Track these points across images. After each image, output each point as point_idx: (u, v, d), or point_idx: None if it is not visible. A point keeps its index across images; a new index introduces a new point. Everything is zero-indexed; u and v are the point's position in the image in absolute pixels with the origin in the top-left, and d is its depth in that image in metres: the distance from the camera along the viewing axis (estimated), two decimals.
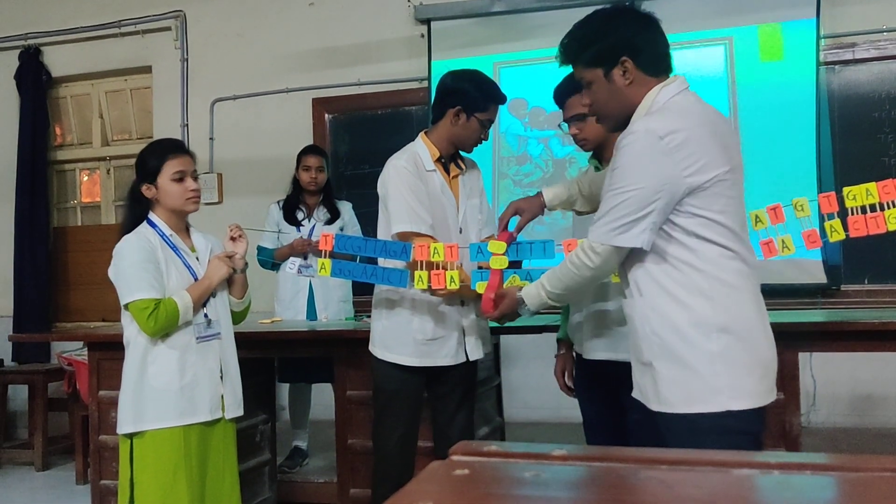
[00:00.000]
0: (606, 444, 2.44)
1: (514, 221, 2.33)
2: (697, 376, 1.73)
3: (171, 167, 2.41)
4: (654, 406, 1.81)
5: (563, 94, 2.44)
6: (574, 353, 2.65)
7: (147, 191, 2.43)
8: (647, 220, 1.72)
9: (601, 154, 2.52)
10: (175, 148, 2.47)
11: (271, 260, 4.06)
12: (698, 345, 1.73)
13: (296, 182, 4.12)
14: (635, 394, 1.91)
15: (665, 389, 1.77)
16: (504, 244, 2.25)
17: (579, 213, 2.39)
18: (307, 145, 4.33)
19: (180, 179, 2.41)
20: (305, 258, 4.00)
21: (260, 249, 4.04)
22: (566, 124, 2.47)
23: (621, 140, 1.78)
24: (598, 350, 2.43)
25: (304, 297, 4.05)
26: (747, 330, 1.76)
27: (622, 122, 1.87)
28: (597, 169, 2.56)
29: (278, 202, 4.16)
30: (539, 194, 2.32)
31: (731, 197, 1.76)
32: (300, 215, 4.08)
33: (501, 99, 2.57)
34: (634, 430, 2.31)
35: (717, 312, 1.73)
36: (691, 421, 1.74)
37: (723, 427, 1.71)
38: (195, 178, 2.46)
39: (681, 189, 1.71)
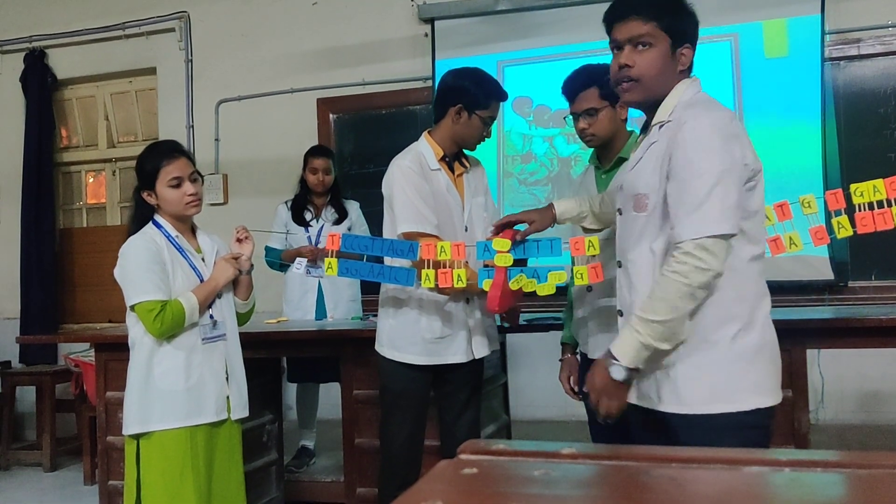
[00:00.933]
0: (611, 442, 2.43)
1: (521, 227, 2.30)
2: (722, 375, 1.72)
3: (166, 174, 2.39)
4: (671, 407, 1.76)
5: (576, 86, 2.42)
6: (578, 353, 2.64)
7: (148, 197, 2.42)
8: (736, 204, 1.67)
9: (603, 153, 2.51)
10: (170, 153, 2.43)
11: (279, 261, 4.06)
12: (723, 343, 1.72)
13: (303, 182, 4.11)
14: (637, 400, 1.85)
15: (686, 390, 1.73)
16: (508, 241, 2.24)
17: (587, 231, 2.32)
18: (313, 146, 4.31)
19: (177, 185, 2.40)
20: (314, 261, 3.99)
21: (268, 250, 4.02)
22: (571, 118, 2.46)
23: (680, 129, 1.72)
24: (602, 349, 2.42)
25: (313, 296, 4.05)
26: (764, 329, 1.75)
27: (650, 101, 1.84)
28: (597, 168, 2.55)
29: (286, 202, 4.15)
30: (550, 206, 2.28)
31: (760, 196, 1.77)
32: (308, 216, 4.08)
33: (502, 96, 2.57)
34: (635, 430, 2.30)
35: (743, 311, 1.72)
36: (712, 420, 1.71)
37: (743, 424, 1.70)
38: (194, 181, 2.44)
39: (744, 178, 1.70)
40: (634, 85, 1.82)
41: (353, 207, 4.15)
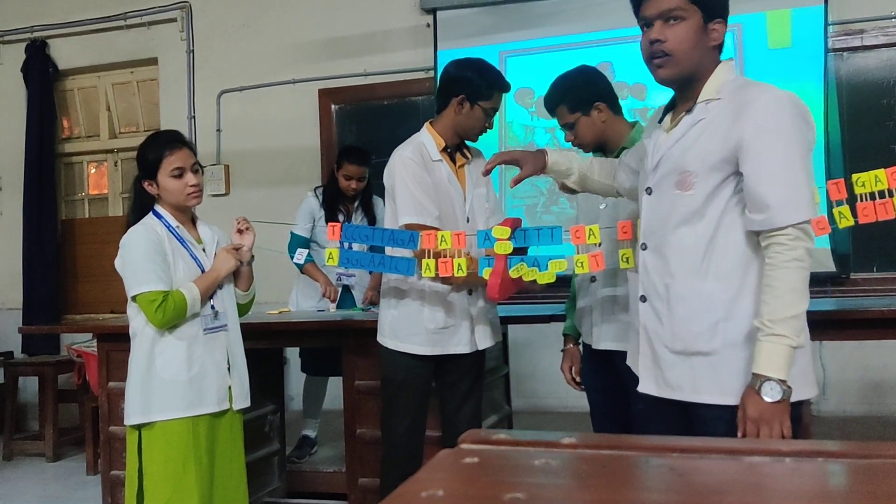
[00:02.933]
0: (613, 432, 2.43)
1: (518, 223, 2.29)
2: None
3: (168, 163, 2.38)
4: (715, 398, 1.69)
5: (549, 106, 2.45)
6: (581, 344, 2.64)
7: (149, 187, 2.42)
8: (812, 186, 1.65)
9: (602, 150, 2.50)
10: (172, 142, 2.42)
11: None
12: None
13: (334, 178, 3.98)
14: (661, 391, 1.79)
15: (732, 381, 1.66)
16: (508, 229, 2.24)
17: (565, 190, 2.28)
18: (349, 147, 4.10)
19: (179, 175, 2.39)
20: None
21: (293, 237, 3.93)
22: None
23: (751, 107, 1.66)
24: (606, 340, 2.43)
25: (339, 291, 4.00)
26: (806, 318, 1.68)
27: (683, 78, 1.77)
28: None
29: (315, 191, 4.02)
30: (544, 151, 2.20)
31: None
32: (341, 217, 3.94)
33: (505, 87, 2.56)
34: (638, 421, 2.30)
35: None
36: None
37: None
38: (195, 172, 2.43)
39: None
40: (668, 60, 1.74)
41: (380, 205, 4.01)
